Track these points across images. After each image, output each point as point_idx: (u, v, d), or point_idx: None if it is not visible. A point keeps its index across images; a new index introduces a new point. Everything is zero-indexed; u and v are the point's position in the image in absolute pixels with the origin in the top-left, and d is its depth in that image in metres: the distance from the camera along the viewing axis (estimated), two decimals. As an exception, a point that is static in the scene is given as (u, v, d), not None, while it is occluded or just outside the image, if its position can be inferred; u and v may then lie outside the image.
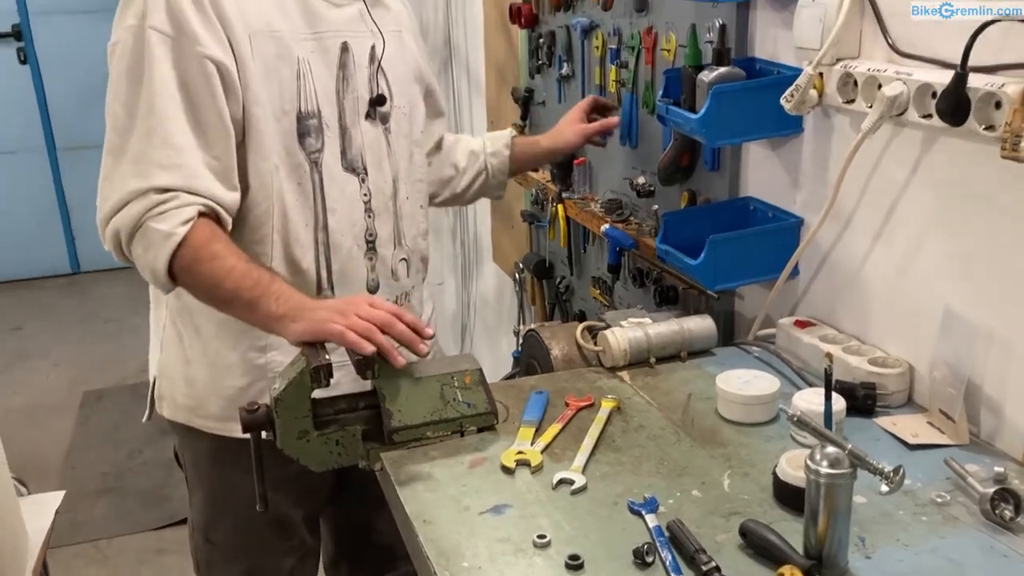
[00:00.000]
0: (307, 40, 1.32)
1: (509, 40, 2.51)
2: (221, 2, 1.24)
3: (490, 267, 3.01)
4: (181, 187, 1.22)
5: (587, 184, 2.12)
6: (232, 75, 1.25)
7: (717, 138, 1.41)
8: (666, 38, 1.68)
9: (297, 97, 1.31)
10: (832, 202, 1.30)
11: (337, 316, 1.17)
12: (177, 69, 1.22)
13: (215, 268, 1.22)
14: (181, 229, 1.21)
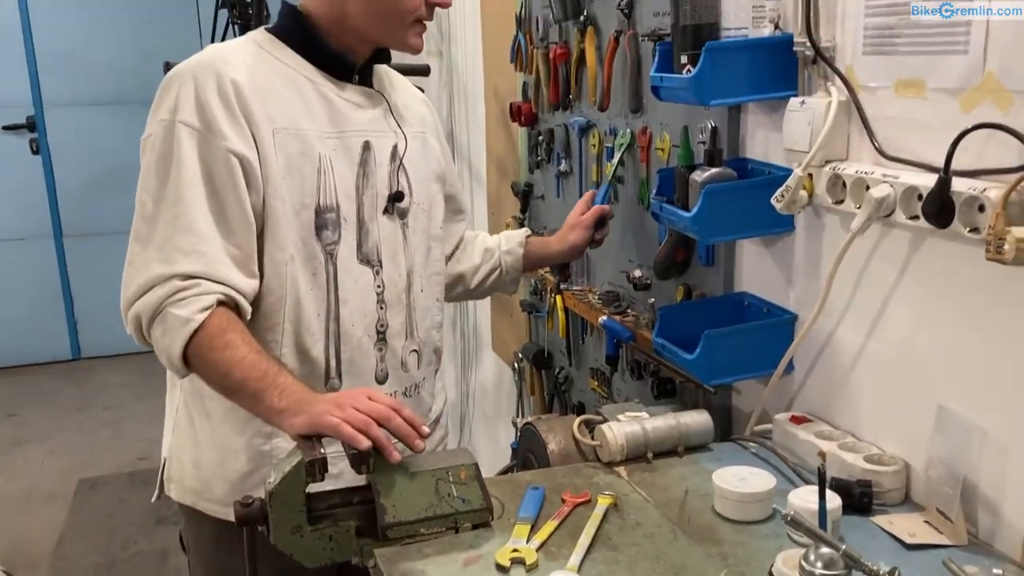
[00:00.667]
0: (330, 138, 1.38)
1: (509, 137, 2.58)
2: (248, 101, 1.31)
3: (489, 356, 3.02)
4: (203, 274, 1.27)
5: (585, 276, 2.15)
6: (255, 170, 1.30)
7: (710, 235, 1.44)
8: (660, 138, 1.73)
9: (317, 192, 1.36)
10: (824, 299, 1.32)
11: (335, 409, 1.18)
12: (202, 161, 1.28)
13: (227, 357, 1.25)
14: (199, 316, 1.25)
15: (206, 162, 1.28)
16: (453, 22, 2.99)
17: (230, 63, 1.33)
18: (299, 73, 1.38)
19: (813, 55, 1.30)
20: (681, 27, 1.39)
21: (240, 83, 1.31)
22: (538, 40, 2.24)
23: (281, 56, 1.38)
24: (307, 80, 1.38)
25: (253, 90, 1.32)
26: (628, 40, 1.79)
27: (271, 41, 1.40)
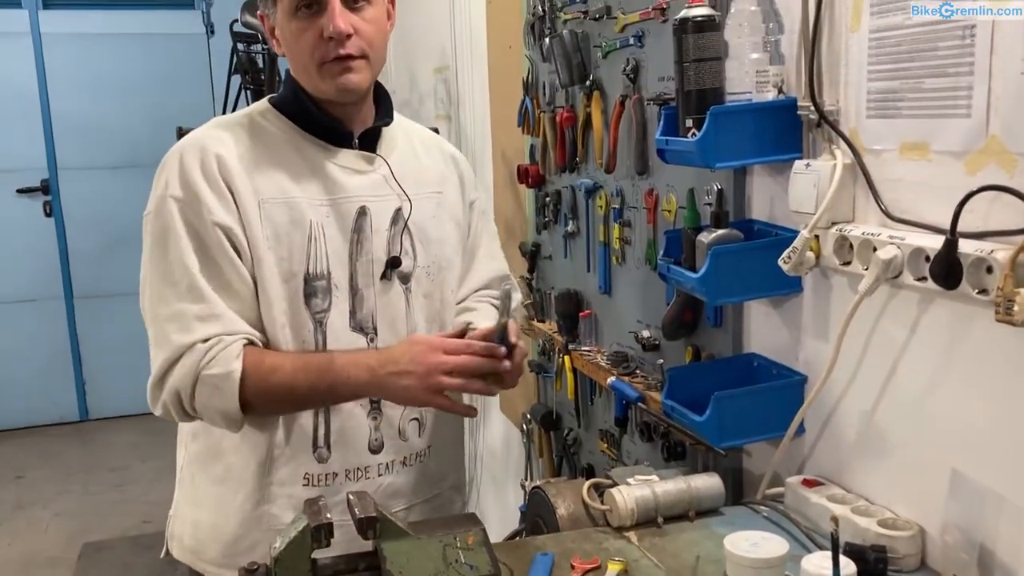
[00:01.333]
0: (323, 206, 1.38)
1: (517, 198, 2.60)
2: (231, 174, 1.33)
3: (498, 417, 3.00)
4: (221, 333, 1.29)
5: (593, 336, 2.14)
6: (240, 240, 1.32)
7: (717, 296, 1.44)
8: (667, 199, 1.74)
9: (306, 260, 1.36)
10: (834, 361, 1.32)
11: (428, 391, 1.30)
12: (192, 232, 1.31)
13: (281, 379, 1.30)
14: (236, 364, 1.28)
15: (197, 233, 1.31)
16: (462, 87, 3.04)
17: (218, 139, 1.36)
18: (291, 143, 1.39)
19: (817, 119, 1.32)
20: (686, 92, 1.41)
21: (224, 157, 1.34)
22: (545, 104, 2.27)
23: (277, 126, 1.40)
24: (298, 149, 1.39)
25: (238, 163, 1.34)
26: (634, 104, 1.82)
27: (270, 111, 1.42)
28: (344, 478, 1.42)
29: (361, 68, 1.34)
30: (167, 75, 4.74)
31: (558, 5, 2.15)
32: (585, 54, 2.02)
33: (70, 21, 4.64)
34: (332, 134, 1.40)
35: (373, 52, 1.36)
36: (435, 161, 1.54)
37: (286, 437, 1.38)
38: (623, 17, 1.85)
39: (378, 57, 1.38)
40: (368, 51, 1.35)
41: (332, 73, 1.33)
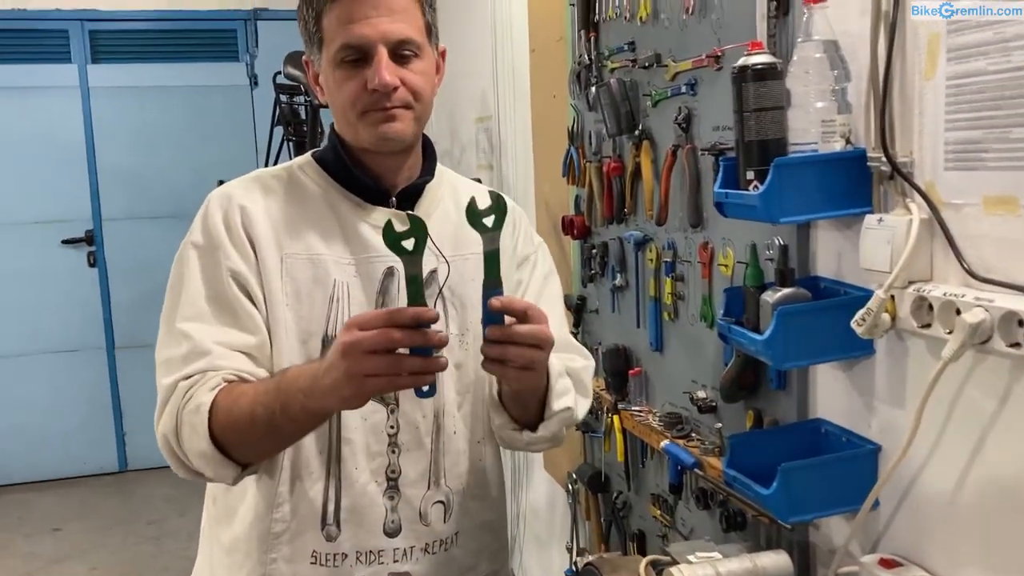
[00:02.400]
0: (349, 264, 1.31)
1: (561, 250, 2.53)
2: (254, 225, 1.28)
3: (541, 475, 2.90)
4: (207, 368, 1.22)
5: (644, 395, 2.05)
6: (255, 292, 1.27)
7: (784, 360, 1.34)
8: (723, 253, 1.66)
9: (326, 320, 1.29)
10: (914, 432, 1.21)
11: (352, 369, 1.06)
12: (206, 275, 1.27)
13: (242, 408, 1.18)
14: (208, 396, 1.19)
15: (209, 275, 1.27)
16: (504, 136, 3.00)
17: (247, 190, 1.32)
18: (326, 199, 1.34)
19: (889, 171, 1.23)
20: (746, 143, 1.34)
21: (249, 209, 1.30)
22: (591, 154, 2.21)
23: (315, 181, 1.35)
24: (331, 205, 1.33)
25: (264, 216, 1.30)
26: (686, 154, 1.75)
27: (310, 165, 1.38)
28: (355, 560, 1.33)
29: (404, 117, 1.28)
30: (211, 127, 4.77)
31: (605, 54, 2.10)
32: (634, 103, 1.96)
33: (117, 75, 4.71)
34: (368, 191, 1.34)
35: (419, 104, 1.29)
36: None
37: (293, 510, 1.30)
38: (674, 65, 1.79)
39: (424, 109, 1.32)
40: (413, 103, 1.28)
41: (374, 121, 1.27)
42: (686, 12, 1.73)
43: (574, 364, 1.42)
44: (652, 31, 1.88)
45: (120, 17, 4.67)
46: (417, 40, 1.27)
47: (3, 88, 4.55)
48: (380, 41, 1.24)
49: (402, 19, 1.25)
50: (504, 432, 1.37)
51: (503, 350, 1.11)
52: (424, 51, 1.30)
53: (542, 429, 1.33)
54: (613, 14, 2.04)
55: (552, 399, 1.30)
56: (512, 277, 1.44)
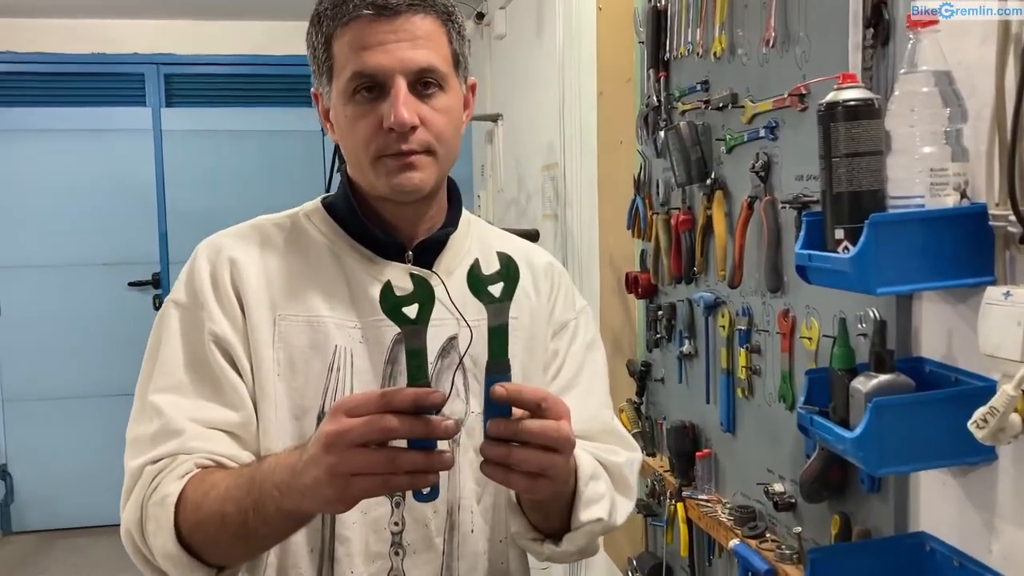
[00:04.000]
0: (354, 329, 1.11)
1: (626, 309, 2.30)
2: (244, 281, 1.10)
3: (601, 558, 2.64)
4: (177, 451, 1.03)
5: (713, 482, 1.79)
6: (241, 361, 1.08)
7: (879, 465, 1.08)
8: (806, 324, 1.41)
9: (323, 394, 1.09)
10: (1053, 569, 0.94)
11: (336, 467, 0.85)
12: (185, 339, 1.08)
13: (212, 503, 0.98)
14: (175, 486, 1.00)
15: (189, 339, 1.08)
16: (569, 184, 2.79)
17: (241, 240, 1.14)
18: (332, 251, 1.14)
19: (1019, 232, 0.98)
20: (835, 195, 1.10)
21: (239, 262, 1.10)
22: (658, 205, 1.99)
23: (321, 230, 1.16)
24: (338, 259, 1.14)
25: (258, 271, 1.11)
26: (764, 207, 1.51)
27: (317, 212, 1.18)
28: None
29: (425, 165, 1.08)
30: (281, 172, 4.70)
31: (675, 95, 1.89)
32: (706, 148, 1.74)
33: (190, 118, 4.68)
34: (381, 244, 1.15)
35: (442, 147, 1.09)
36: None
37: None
38: (752, 106, 1.57)
39: (448, 153, 1.11)
40: (436, 146, 1.08)
41: (389, 170, 1.07)
42: (766, 45, 1.51)
43: (614, 458, 1.17)
44: (728, 68, 1.67)
45: (195, 61, 4.65)
46: (442, 70, 1.07)
47: (79, 130, 4.56)
48: (399, 71, 1.04)
49: (425, 46, 1.06)
50: (523, 541, 1.14)
51: (507, 451, 0.88)
52: (450, 84, 1.09)
53: (567, 542, 1.08)
54: (685, 51, 1.83)
55: (580, 508, 1.06)
56: (547, 347, 1.22)
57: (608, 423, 1.22)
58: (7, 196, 4.54)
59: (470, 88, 1.17)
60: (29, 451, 4.66)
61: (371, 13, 1.04)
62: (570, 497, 1.06)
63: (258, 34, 4.65)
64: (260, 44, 4.65)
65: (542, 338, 1.21)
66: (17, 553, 4.53)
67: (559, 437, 0.89)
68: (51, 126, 4.56)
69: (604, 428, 1.20)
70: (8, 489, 4.65)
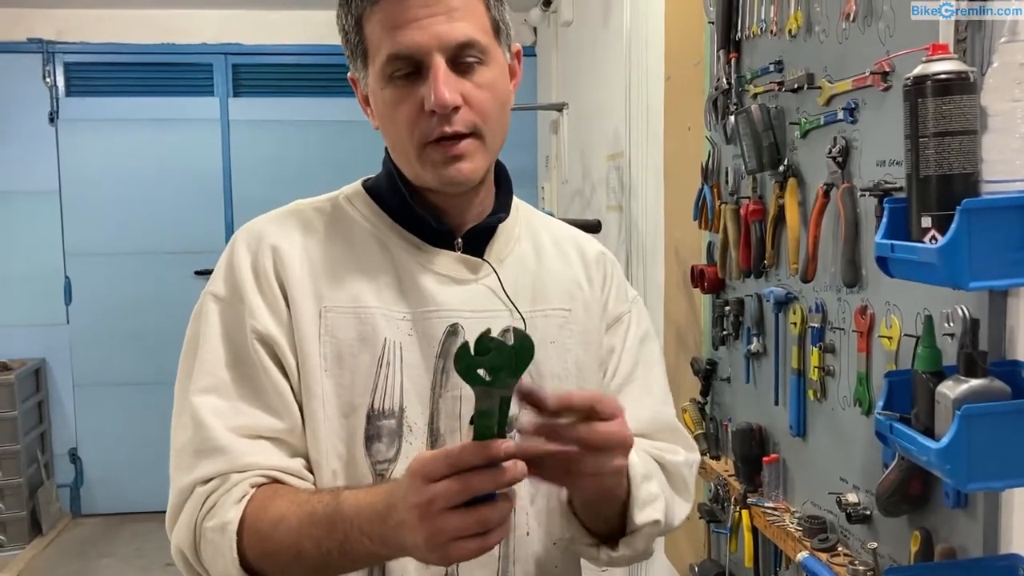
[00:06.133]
0: (404, 320, 1.05)
1: (691, 304, 2.20)
2: (288, 271, 1.03)
3: (662, 562, 2.54)
4: (227, 470, 0.98)
5: (781, 489, 1.69)
6: (287, 356, 1.02)
7: (968, 479, 0.97)
8: (886, 323, 1.30)
9: (372, 391, 1.03)
10: None
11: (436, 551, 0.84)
12: (227, 336, 1.02)
13: (284, 537, 0.94)
14: (234, 513, 0.95)
15: (231, 336, 1.02)
16: (635, 174, 2.70)
17: (282, 226, 1.07)
18: (378, 238, 1.08)
19: None
20: (922, 179, 1.00)
21: (282, 250, 1.04)
22: (727, 194, 1.88)
23: (365, 216, 1.09)
24: (385, 247, 1.07)
25: (302, 259, 1.04)
26: (841, 195, 1.40)
27: (359, 196, 1.12)
28: None
29: (473, 152, 1.01)
30: (346, 161, 4.63)
31: (747, 77, 1.78)
32: (779, 133, 1.63)
33: (256, 108, 4.69)
34: (430, 230, 1.08)
35: (488, 127, 1.02)
36: (569, 266, 1.16)
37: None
38: (829, 87, 1.45)
39: (496, 133, 1.04)
40: (482, 127, 1.01)
41: (435, 161, 1.01)
42: (846, 20, 1.40)
43: (673, 457, 1.10)
44: (804, 46, 1.55)
45: (261, 51, 4.67)
46: (482, 42, 1.00)
47: (150, 120, 4.62)
48: (436, 48, 0.97)
49: (462, 17, 0.98)
50: (579, 547, 1.07)
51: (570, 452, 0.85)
52: (492, 55, 1.02)
53: (623, 547, 1.02)
54: (757, 30, 1.72)
55: (635, 510, 1.00)
56: (602, 342, 1.15)
57: (669, 421, 1.16)
58: (78, 185, 4.62)
59: (515, 55, 1.10)
60: (98, 436, 4.75)
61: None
62: (624, 499, 1.00)
63: (321, 24, 4.63)
64: (323, 34, 4.63)
65: (596, 332, 1.14)
66: (86, 535, 4.62)
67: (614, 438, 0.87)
68: (122, 115, 4.63)
69: (665, 426, 1.14)
70: (78, 472, 4.75)
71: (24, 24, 4.52)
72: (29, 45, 4.52)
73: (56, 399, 4.74)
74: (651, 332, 1.22)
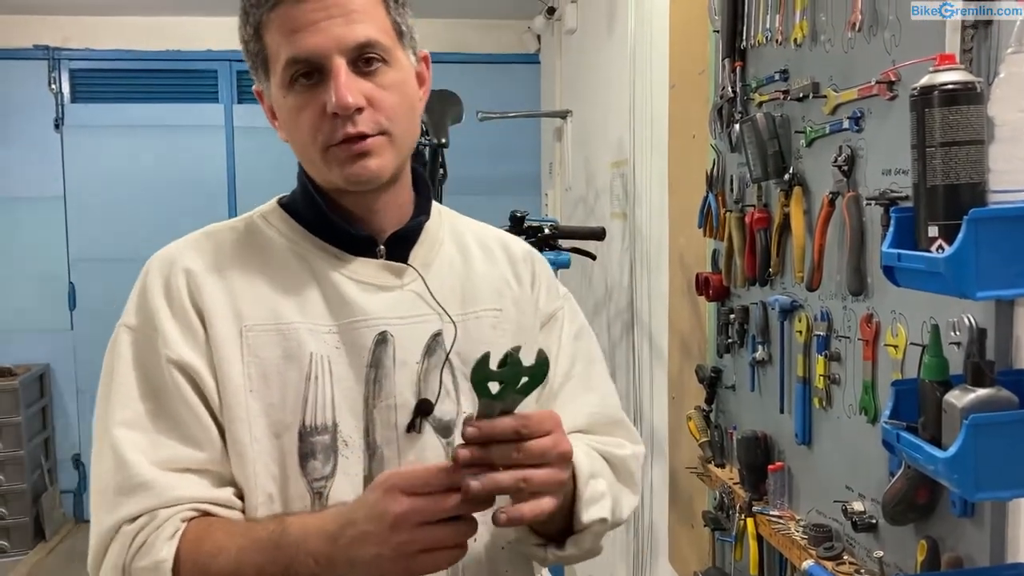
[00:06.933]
0: (330, 333, 1.02)
1: (696, 311, 2.20)
2: (204, 294, 1.01)
3: (666, 569, 2.54)
4: (154, 506, 0.95)
5: (786, 497, 1.69)
6: (206, 382, 0.99)
7: (976, 489, 0.97)
8: (892, 331, 1.30)
9: (302, 407, 1.00)
10: None
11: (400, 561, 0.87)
12: (140, 369, 0.99)
13: (223, 565, 0.92)
14: (167, 550, 0.92)
15: (145, 367, 0.99)
16: (639, 181, 2.70)
17: (195, 249, 1.04)
18: (296, 252, 1.05)
19: None
20: (929, 188, 1.00)
21: (196, 273, 1.01)
22: (732, 202, 1.89)
23: (281, 231, 1.07)
24: (304, 260, 1.05)
25: (217, 281, 1.02)
26: (847, 204, 1.40)
27: (275, 212, 1.09)
28: None
29: (380, 149, 1.00)
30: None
31: (752, 85, 1.78)
32: (784, 141, 1.63)
33: (261, 115, 4.55)
34: (349, 239, 1.06)
35: (396, 127, 1.01)
36: (496, 266, 1.15)
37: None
38: (835, 95, 1.46)
39: (405, 133, 1.03)
40: (389, 126, 1.00)
41: (340, 159, 0.99)
42: (852, 29, 1.40)
43: (619, 451, 1.10)
44: (809, 55, 1.56)
45: (267, 58, 4.71)
46: (384, 43, 0.99)
47: (155, 126, 4.63)
48: (335, 50, 0.96)
49: (361, 19, 0.97)
50: (525, 548, 1.06)
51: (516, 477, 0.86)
52: (396, 58, 1.01)
53: (571, 546, 1.01)
54: (762, 39, 1.73)
55: (581, 509, 0.99)
56: (537, 340, 1.13)
57: (613, 415, 1.16)
58: (83, 190, 4.64)
59: (423, 61, 1.08)
60: (102, 441, 4.76)
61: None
62: (570, 498, 0.99)
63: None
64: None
65: (530, 330, 1.13)
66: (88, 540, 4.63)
67: (551, 454, 0.88)
68: (127, 122, 4.64)
69: (609, 420, 1.14)
70: (82, 478, 4.76)
71: (30, 31, 4.54)
72: (35, 52, 4.54)
73: (60, 405, 4.74)
74: (586, 327, 1.21)
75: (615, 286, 3.01)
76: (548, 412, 0.90)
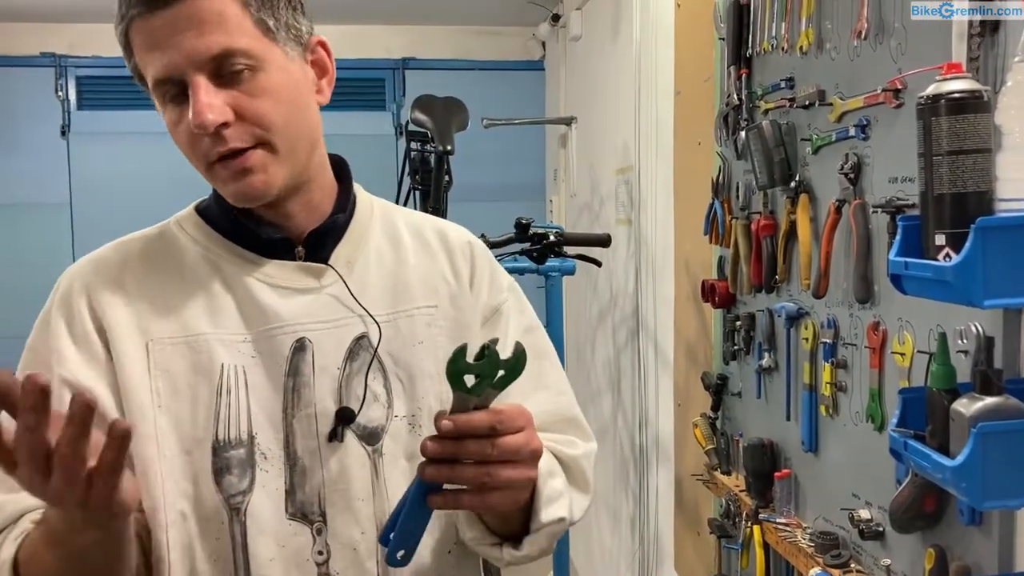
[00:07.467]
0: (244, 342, 0.98)
1: (702, 318, 2.20)
2: (105, 307, 0.98)
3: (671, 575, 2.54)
4: (19, 512, 0.92)
5: (792, 504, 1.68)
6: (105, 401, 0.95)
7: (984, 498, 0.97)
8: (899, 339, 1.30)
9: (214, 421, 0.96)
10: None
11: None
12: None
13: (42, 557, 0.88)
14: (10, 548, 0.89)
15: None
16: (644, 188, 2.70)
17: (101, 263, 1.02)
18: (208, 258, 1.01)
19: None
20: (936, 196, 1.00)
21: (97, 288, 0.99)
22: (738, 209, 1.89)
23: (194, 237, 1.04)
24: (217, 267, 1.01)
25: (120, 294, 0.99)
26: (853, 211, 1.40)
27: (190, 219, 1.06)
28: None
29: (263, 164, 0.94)
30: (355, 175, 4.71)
31: (758, 93, 1.78)
32: (790, 149, 1.64)
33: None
34: (263, 242, 1.01)
35: (277, 135, 0.94)
36: (432, 259, 1.09)
37: None
38: (841, 103, 1.46)
39: (292, 138, 0.96)
40: (267, 136, 0.94)
41: (224, 178, 0.95)
42: (858, 37, 1.41)
43: (571, 451, 1.06)
44: (815, 63, 1.56)
45: (272, 65, 4.72)
46: (246, 48, 0.92)
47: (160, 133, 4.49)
48: (188, 66, 0.90)
49: (214, 29, 0.91)
50: (480, 548, 1.03)
51: (452, 470, 0.84)
52: (267, 59, 0.94)
53: (528, 545, 0.98)
54: (768, 46, 1.73)
55: (540, 508, 0.97)
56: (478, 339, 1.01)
57: (565, 412, 1.11)
58: (89, 197, 4.64)
59: (319, 47, 1.04)
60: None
61: (142, 9, 0.91)
62: (528, 497, 0.96)
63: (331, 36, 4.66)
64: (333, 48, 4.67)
65: (470, 326, 1.07)
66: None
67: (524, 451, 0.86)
68: (133, 128, 4.64)
69: (561, 417, 1.10)
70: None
71: (37, 38, 4.56)
72: (41, 59, 4.56)
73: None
74: (535, 321, 1.16)
75: (620, 293, 3.01)
76: (519, 408, 0.86)
